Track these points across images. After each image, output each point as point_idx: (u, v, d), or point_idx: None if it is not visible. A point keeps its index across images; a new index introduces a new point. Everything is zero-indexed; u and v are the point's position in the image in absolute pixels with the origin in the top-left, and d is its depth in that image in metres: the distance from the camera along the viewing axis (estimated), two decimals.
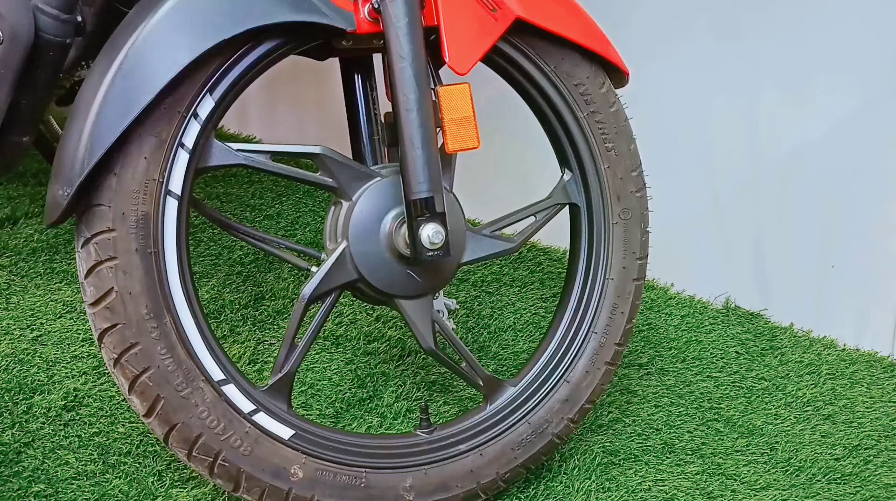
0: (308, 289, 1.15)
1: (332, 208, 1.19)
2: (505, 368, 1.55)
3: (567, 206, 1.32)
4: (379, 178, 1.17)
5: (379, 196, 1.16)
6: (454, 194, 1.22)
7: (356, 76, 1.26)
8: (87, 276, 1.06)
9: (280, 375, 1.15)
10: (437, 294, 1.26)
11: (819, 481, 1.39)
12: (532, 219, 1.30)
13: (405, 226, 1.13)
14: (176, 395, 1.06)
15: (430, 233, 1.11)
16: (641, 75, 1.35)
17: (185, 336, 1.07)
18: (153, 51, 1.01)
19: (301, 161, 1.75)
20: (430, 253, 1.12)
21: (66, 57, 1.13)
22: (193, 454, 1.09)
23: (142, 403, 1.07)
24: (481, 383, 1.27)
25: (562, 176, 1.31)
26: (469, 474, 1.21)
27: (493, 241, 1.26)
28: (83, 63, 1.27)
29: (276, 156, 1.13)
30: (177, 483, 1.21)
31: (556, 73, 1.25)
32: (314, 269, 1.28)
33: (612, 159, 1.29)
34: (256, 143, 1.12)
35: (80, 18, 1.14)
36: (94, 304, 1.05)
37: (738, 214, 1.85)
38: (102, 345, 1.07)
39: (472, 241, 1.23)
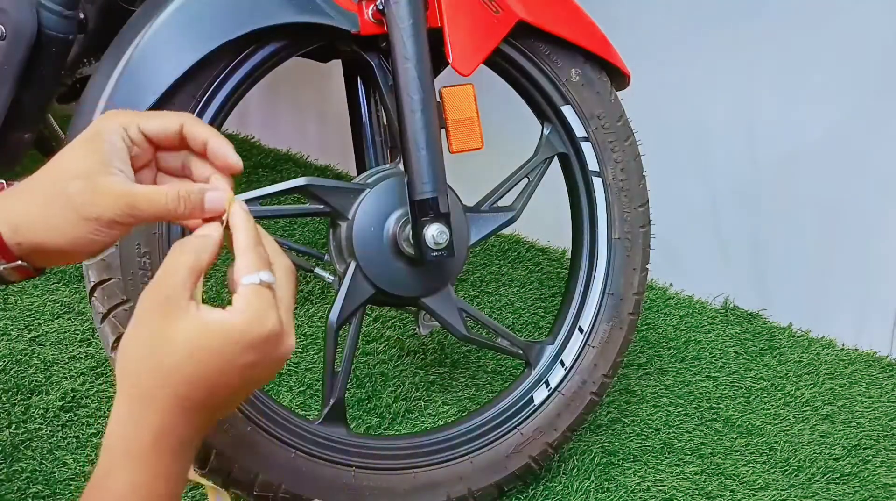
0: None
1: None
2: (504, 367, 1.55)
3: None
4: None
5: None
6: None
7: (359, 78, 1.26)
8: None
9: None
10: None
11: (818, 481, 1.40)
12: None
13: (408, 228, 1.13)
14: None
15: (434, 233, 1.10)
16: (641, 76, 1.35)
17: None
18: (158, 51, 1.00)
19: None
20: (435, 253, 1.11)
21: (69, 53, 1.12)
22: None
23: None
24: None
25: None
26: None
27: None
28: (85, 60, 1.27)
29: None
30: None
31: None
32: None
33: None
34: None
35: (82, 15, 1.14)
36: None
37: (737, 214, 1.85)
38: None
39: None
